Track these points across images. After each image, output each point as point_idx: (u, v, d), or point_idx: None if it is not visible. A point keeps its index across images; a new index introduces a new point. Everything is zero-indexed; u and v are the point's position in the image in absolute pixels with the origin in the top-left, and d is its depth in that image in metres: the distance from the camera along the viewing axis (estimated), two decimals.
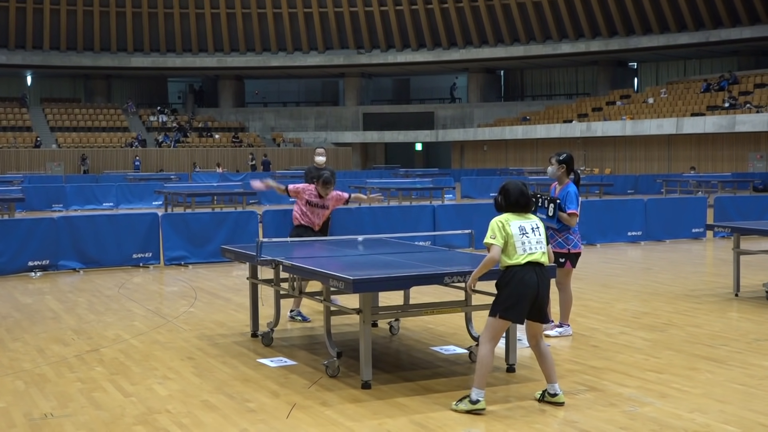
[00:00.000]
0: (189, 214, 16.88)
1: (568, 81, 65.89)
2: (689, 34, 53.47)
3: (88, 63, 62.91)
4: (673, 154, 48.15)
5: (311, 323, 10.00)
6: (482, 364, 6.44)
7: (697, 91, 51.30)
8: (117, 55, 63.41)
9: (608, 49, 57.37)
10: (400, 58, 63.68)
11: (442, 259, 8.45)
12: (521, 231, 6.54)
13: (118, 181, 36.07)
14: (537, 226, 6.61)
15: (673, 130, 46.60)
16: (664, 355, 8.31)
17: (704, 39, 52.84)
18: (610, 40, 57.09)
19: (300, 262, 7.90)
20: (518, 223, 6.56)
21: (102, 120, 61.05)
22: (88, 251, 14.61)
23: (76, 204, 30.00)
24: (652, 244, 18.48)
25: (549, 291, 6.67)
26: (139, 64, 63.65)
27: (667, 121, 47.17)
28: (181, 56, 64.31)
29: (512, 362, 7.66)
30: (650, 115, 50.25)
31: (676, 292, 12.07)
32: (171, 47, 64.33)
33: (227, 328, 9.77)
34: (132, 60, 63.48)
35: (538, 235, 6.59)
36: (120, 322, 10.16)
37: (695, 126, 45.57)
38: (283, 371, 7.81)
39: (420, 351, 8.58)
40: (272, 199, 31.94)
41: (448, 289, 8.22)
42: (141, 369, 7.94)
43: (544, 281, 6.57)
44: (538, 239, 6.58)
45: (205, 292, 12.42)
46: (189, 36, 64.35)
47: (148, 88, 69.34)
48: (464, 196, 36.16)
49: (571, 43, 58.56)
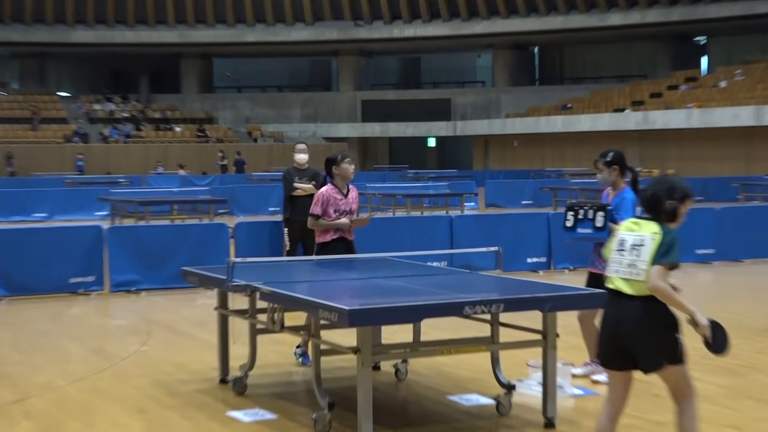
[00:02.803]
0: (142, 228, 16.87)
1: (618, 60, 66.06)
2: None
3: (16, 38, 63.18)
4: (752, 152, 48.16)
5: (296, 367, 9.94)
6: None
7: None
8: (54, 27, 63.62)
9: (669, 20, 57.51)
10: (407, 32, 63.88)
11: (461, 284, 8.41)
12: (619, 245, 6.24)
13: (53, 185, 36.08)
14: (642, 243, 6.14)
15: (753, 120, 46.65)
16: (744, 406, 8.28)
17: None
18: (671, 9, 57.24)
19: (282, 287, 7.84)
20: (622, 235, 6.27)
21: (33, 109, 61.18)
22: (14, 275, 14.53)
23: (0, 215, 29.98)
24: (727, 265, 18.43)
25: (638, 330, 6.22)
26: (81, 39, 63.87)
27: (745, 110, 47.22)
28: (134, 29, 64.52)
29: (551, 415, 7.59)
30: (723, 102, 50.30)
31: (758, 326, 12.03)
32: (121, 18, 64.52)
33: (189, 373, 9.73)
34: (73, 34, 63.70)
35: (635, 255, 6.13)
36: (53, 365, 10.11)
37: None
38: (259, 427, 7.76)
39: (433, 401, 8.54)
40: (247, 209, 31.92)
41: (470, 323, 8.17)
42: (79, 424, 7.88)
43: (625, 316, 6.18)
44: (633, 260, 6.13)
45: (162, 327, 12.38)
46: (143, 4, 64.57)
47: (92, 70, 69.57)
48: (489, 204, 36.15)
49: (623, 13, 58.70)
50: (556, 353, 7.64)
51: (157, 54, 68.10)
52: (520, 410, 8.06)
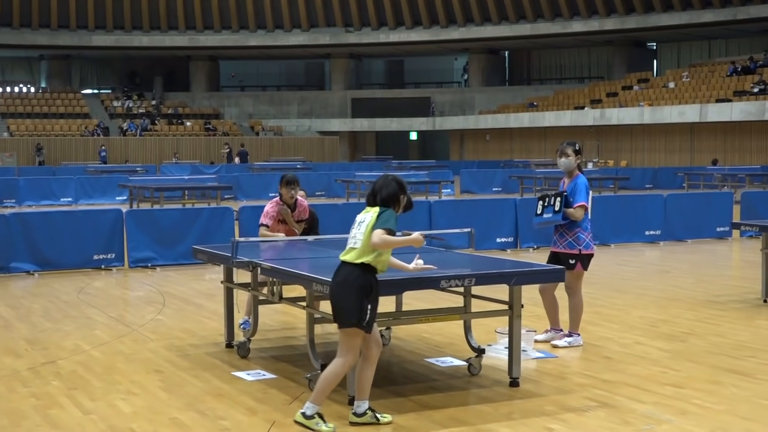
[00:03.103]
0: (157, 211, 16.86)
1: (579, 63, 65.99)
2: (714, 11, 53.55)
3: (44, 41, 62.71)
4: (696, 145, 48.27)
5: (293, 332, 10.01)
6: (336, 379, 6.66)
7: (723, 75, 51.43)
8: (77, 32, 63.23)
9: (624, 27, 57.45)
10: (393, 37, 63.69)
11: (438, 261, 8.46)
12: (354, 226, 6.62)
13: (78, 173, 36.01)
14: (364, 220, 6.55)
15: (697, 117, 46.70)
16: (684, 367, 8.34)
17: (731, 16, 52.91)
18: (626, 18, 57.17)
19: (280, 264, 7.90)
20: (357, 218, 6.65)
21: (60, 105, 60.95)
22: (44, 252, 14.57)
23: (31, 199, 29.94)
24: (672, 245, 18.53)
25: (336, 293, 6.54)
26: (102, 43, 63.50)
27: (690, 108, 47.27)
28: (149, 34, 64.19)
29: (516, 375, 7.67)
30: (671, 101, 50.36)
31: (698, 298, 12.11)
32: (137, 24, 64.19)
33: (199, 338, 9.78)
34: (93, 38, 63.31)
35: (358, 229, 6.54)
36: (79, 331, 10.15)
37: (721, 113, 45.68)
38: (261, 385, 7.81)
39: (414, 363, 8.60)
40: (249, 194, 31.93)
41: (445, 295, 8.25)
42: (102, 383, 7.93)
43: (335, 279, 6.58)
44: (355, 234, 6.55)
45: (175, 298, 12.41)
46: (157, 12, 64.23)
47: (111, 70, 69.26)
48: (464, 190, 36.20)
49: (584, 21, 58.64)
50: (520, 321, 7.69)
51: (170, 56, 67.72)
52: (489, 371, 8.14)
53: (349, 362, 6.55)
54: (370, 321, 6.46)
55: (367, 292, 6.43)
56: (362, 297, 6.42)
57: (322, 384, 6.53)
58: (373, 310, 6.47)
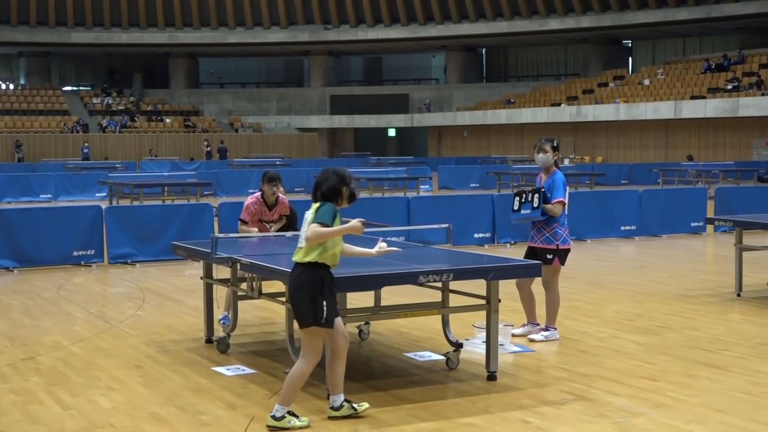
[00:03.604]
0: (136, 207, 16.77)
1: (556, 60, 66.15)
2: (689, 9, 53.80)
3: (23, 38, 62.32)
4: (670, 141, 48.49)
5: (273, 328, 10.00)
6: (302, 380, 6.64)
7: (697, 72, 51.68)
8: (56, 29, 62.87)
9: (600, 25, 57.62)
10: (371, 34, 63.64)
11: (416, 257, 8.46)
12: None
13: (57, 170, 35.78)
14: (306, 218, 6.51)
15: (671, 114, 46.92)
16: (659, 360, 8.37)
17: (705, 14, 53.16)
18: (602, 16, 57.35)
19: (259, 259, 7.89)
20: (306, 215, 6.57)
21: (39, 102, 60.58)
22: (24, 248, 14.49)
23: (10, 196, 29.75)
24: (648, 240, 18.61)
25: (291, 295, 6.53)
26: (81, 39, 63.17)
27: (665, 105, 47.48)
28: (128, 31, 63.89)
29: (493, 369, 7.69)
30: (646, 98, 50.56)
31: (672, 292, 12.17)
32: (116, 21, 63.88)
33: (179, 333, 9.75)
34: (72, 35, 62.97)
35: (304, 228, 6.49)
36: (59, 327, 10.11)
37: (695, 110, 45.90)
38: (240, 380, 7.80)
39: (392, 357, 8.61)
40: (229, 191, 31.84)
41: (424, 290, 8.25)
42: (82, 379, 7.90)
43: (290, 281, 6.59)
44: (302, 232, 6.50)
45: (154, 294, 12.37)
46: (136, 9, 63.94)
47: (92, 67, 68.90)
48: (442, 186, 36.21)
49: (560, 19, 58.78)
50: (498, 316, 7.71)
51: (149, 53, 67.44)
52: (467, 365, 8.15)
53: (312, 362, 6.53)
54: (328, 317, 6.41)
55: (319, 289, 6.38)
56: (315, 295, 6.36)
57: (289, 385, 6.51)
58: (329, 306, 6.41)
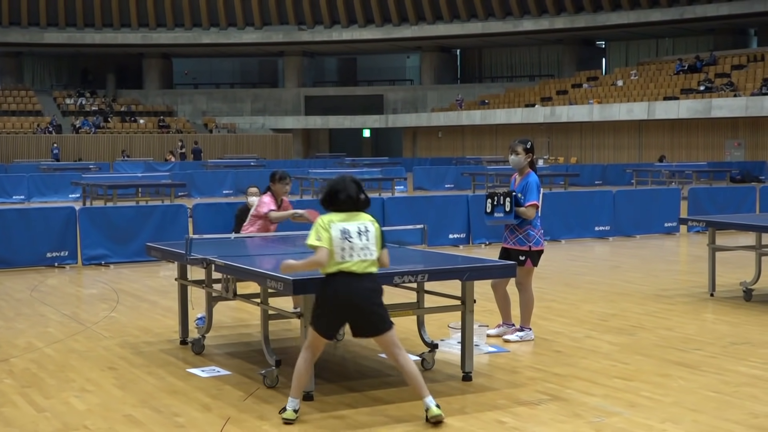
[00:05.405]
0: (110, 208, 16.71)
1: (530, 61, 66.38)
2: (662, 10, 54.13)
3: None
4: (644, 142, 48.75)
5: (248, 329, 9.98)
6: (296, 372, 6.64)
7: (670, 73, 52.01)
8: (28, 29, 62.50)
9: (574, 26, 57.88)
10: (345, 35, 63.63)
11: (391, 257, 8.45)
12: (343, 235, 6.46)
13: (30, 171, 35.59)
14: (366, 229, 6.53)
15: (645, 115, 47.18)
16: (633, 360, 8.41)
17: (678, 15, 53.53)
18: (576, 17, 57.60)
19: (234, 260, 7.88)
20: (342, 225, 6.50)
21: (11, 103, 60.17)
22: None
23: None
24: (621, 240, 18.71)
25: (369, 301, 6.49)
26: (54, 40, 62.83)
27: (638, 106, 47.74)
28: (101, 32, 63.60)
29: (469, 370, 7.70)
30: (619, 98, 50.82)
31: (646, 292, 12.23)
32: (90, 22, 63.57)
33: (153, 335, 9.72)
34: (45, 36, 62.62)
35: (365, 239, 6.50)
36: (32, 329, 10.05)
37: (668, 111, 46.18)
38: (215, 382, 7.78)
39: (367, 358, 8.61)
40: (203, 191, 31.76)
41: (398, 290, 8.26)
42: (56, 381, 7.86)
43: (359, 292, 6.46)
44: (364, 244, 6.49)
45: (129, 295, 12.32)
46: (110, 9, 63.63)
47: (65, 67, 68.52)
48: (417, 187, 36.27)
49: (534, 20, 58.98)
50: (473, 316, 7.72)
51: (122, 54, 67.14)
52: (443, 365, 8.17)
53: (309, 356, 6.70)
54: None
55: None
56: None
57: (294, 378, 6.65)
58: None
